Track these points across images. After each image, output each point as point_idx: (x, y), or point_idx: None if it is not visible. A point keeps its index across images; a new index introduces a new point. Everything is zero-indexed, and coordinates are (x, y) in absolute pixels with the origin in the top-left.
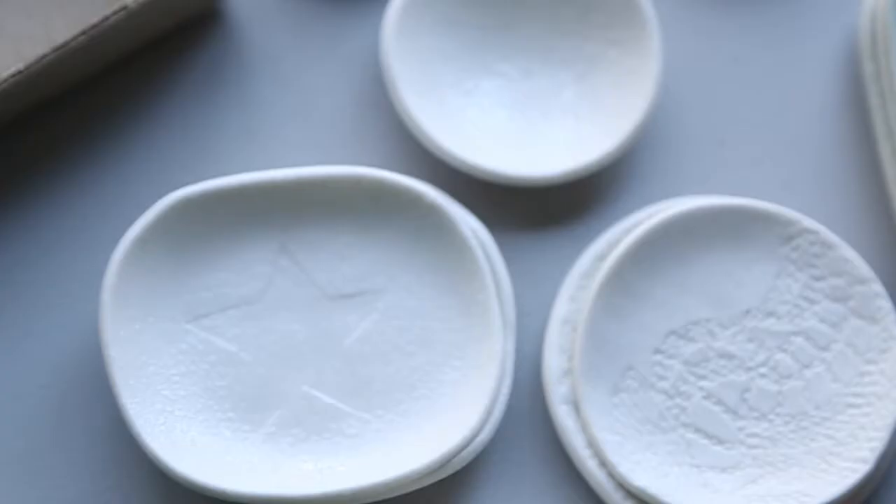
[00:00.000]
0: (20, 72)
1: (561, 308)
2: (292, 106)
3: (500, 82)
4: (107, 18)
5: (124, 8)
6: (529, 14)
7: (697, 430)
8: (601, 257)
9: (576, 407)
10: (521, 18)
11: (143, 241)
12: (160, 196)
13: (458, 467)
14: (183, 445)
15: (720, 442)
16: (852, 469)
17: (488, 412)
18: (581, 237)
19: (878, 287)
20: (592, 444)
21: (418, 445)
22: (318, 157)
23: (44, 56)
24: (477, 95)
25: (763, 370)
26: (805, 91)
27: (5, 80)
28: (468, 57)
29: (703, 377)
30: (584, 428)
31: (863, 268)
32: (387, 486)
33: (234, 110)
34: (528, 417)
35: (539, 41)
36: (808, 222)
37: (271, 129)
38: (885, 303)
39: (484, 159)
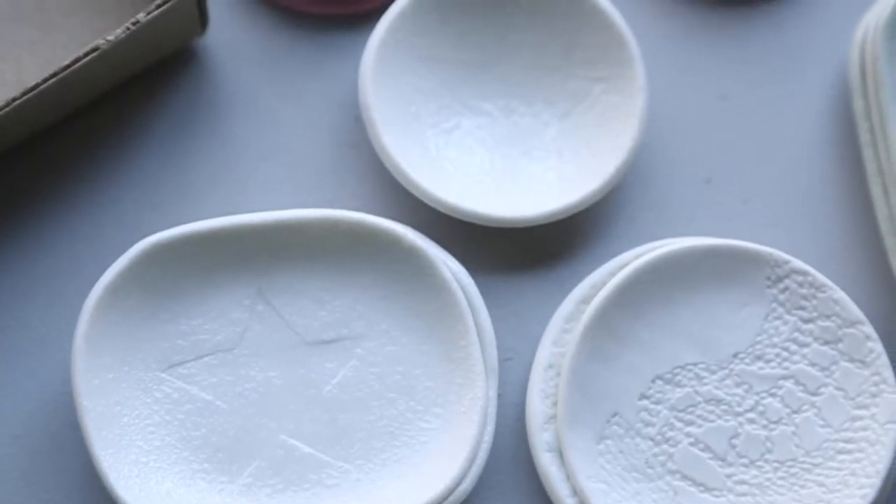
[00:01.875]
0: None
1: (544, 352)
2: (270, 145)
3: (481, 121)
4: (78, 60)
5: (96, 49)
6: (512, 50)
7: (685, 478)
8: (585, 300)
9: (560, 454)
10: (503, 55)
11: (115, 288)
12: (136, 239)
13: None
14: (157, 497)
15: (708, 489)
16: None
17: (471, 461)
18: (565, 279)
19: (868, 329)
20: (578, 492)
21: (400, 495)
22: (296, 197)
23: (14, 99)
24: (458, 134)
25: (751, 415)
26: (794, 128)
27: None
28: (448, 95)
29: (690, 423)
30: (570, 476)
31: (853, 310)
32: None
33: (210, 150)
34: (511, 465)
35: (522, 78)
36: (796, 263)
37: (249, 169)
38: (877, 346)
39: (465, 200)
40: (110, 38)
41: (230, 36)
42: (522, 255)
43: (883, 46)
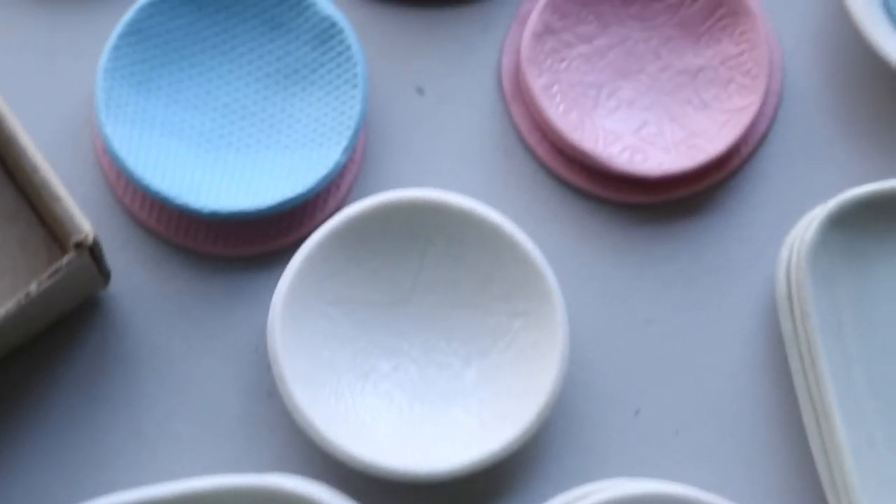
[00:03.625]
0: None
1: None
2: (180, 400)
3: (398, 361)
4: None
5: None
6: (427, 287)
7: None
8: None
9: None
10: (418, 292)
11: None
12: None
13: None
14: None
15: None
16: None
17: None
18: None
19: None
20: None
21: None
22: (209, 456)
23: None
24: (375, 378)
25: None
26: (724, 350)
27: None
28: (363, 337)
29: None
30: None
31: None
32: None
33: (119, 411)
34: None
35: (438, 315)
36: None
37: (159, 428)
38: None
39: (383, 456)
40: (1, 312)
41: (135, 283)
42: None
43: (807, 272)
